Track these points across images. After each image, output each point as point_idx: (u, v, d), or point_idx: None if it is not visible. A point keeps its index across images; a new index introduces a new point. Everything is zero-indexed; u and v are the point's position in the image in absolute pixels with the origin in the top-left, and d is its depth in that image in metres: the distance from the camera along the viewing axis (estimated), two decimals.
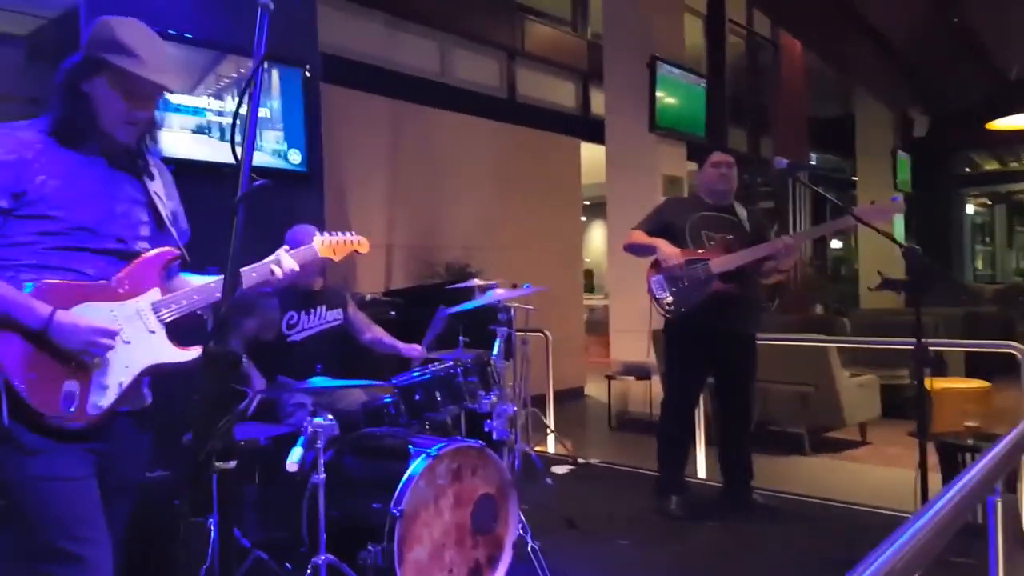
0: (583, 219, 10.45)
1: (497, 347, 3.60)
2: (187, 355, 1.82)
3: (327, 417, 2.58)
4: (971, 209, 18.20)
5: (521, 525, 2.99)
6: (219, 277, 1.81)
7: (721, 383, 4.01)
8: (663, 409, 4.05)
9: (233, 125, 1.47)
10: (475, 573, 2.75)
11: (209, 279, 1.90)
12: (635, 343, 6.84)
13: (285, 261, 1.96)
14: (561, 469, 4.99)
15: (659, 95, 6.85)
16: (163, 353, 1.79)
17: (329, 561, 2.54)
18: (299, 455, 2.46)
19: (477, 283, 4.20)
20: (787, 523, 3.83)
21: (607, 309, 8.51)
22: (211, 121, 4.06)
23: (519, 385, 4.94)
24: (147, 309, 1.78)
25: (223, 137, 4.03)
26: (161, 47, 1.79)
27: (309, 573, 2.53)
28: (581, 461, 5.15)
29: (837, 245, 16.99)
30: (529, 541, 3.04)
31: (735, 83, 10.82)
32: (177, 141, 3.88)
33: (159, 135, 1.91)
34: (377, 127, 6.59)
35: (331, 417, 2.60)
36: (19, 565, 1.67)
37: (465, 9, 8.15)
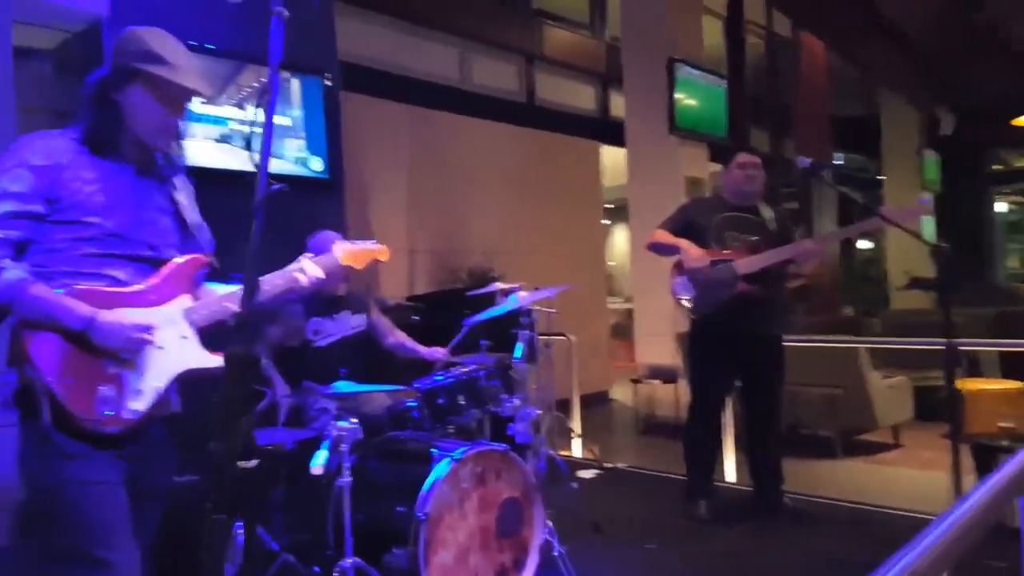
0: (605, 222, 10.41)
1: (519, 350, 3.58)
2: (219, 360, 1.81)
3: (351, 421, 2.59)
4: (1002, 207, 17.86)
5: (547, 529, 2.97)
6: None
7: (747, 385, 3.96)
8: (689, 412, 4.01)
9: (250, 133, 1.48)
10: None
11: (236, 288, 1.89)
12: (660, 346, 6.80)
13: (310, 269, 1.97)
14: (587, 473, 4.95)
15: (678, 97, 6.82)
16: (196, 358, 1.81)
17: (355, 564, 2.55)
18: (324, 458, 2.47)
19: (499, 287, 4.18)
20: (817, 527, 3.76)
21: (627, 313, 8.47)
22: (233, 130, 4.11)
23: (543, 389, 4.91)
24: (178, 315, 1.80)
25: (245, 146, 4.07)
26: (188, 54, 1.82)
27: None
28: (607, 465, 5.11)
29: (866, 246, 16.77)
30: (555, 545, 3.02)
31: (756, 83, 10.76)
32: (200, 150, 3.93)
33: (183, 144, 1.93)
34: (397, 134, 6.61)
35: (355, 421, 2.61)
36: (44, 568, 1.67)
37: (483, 15, 8.18)
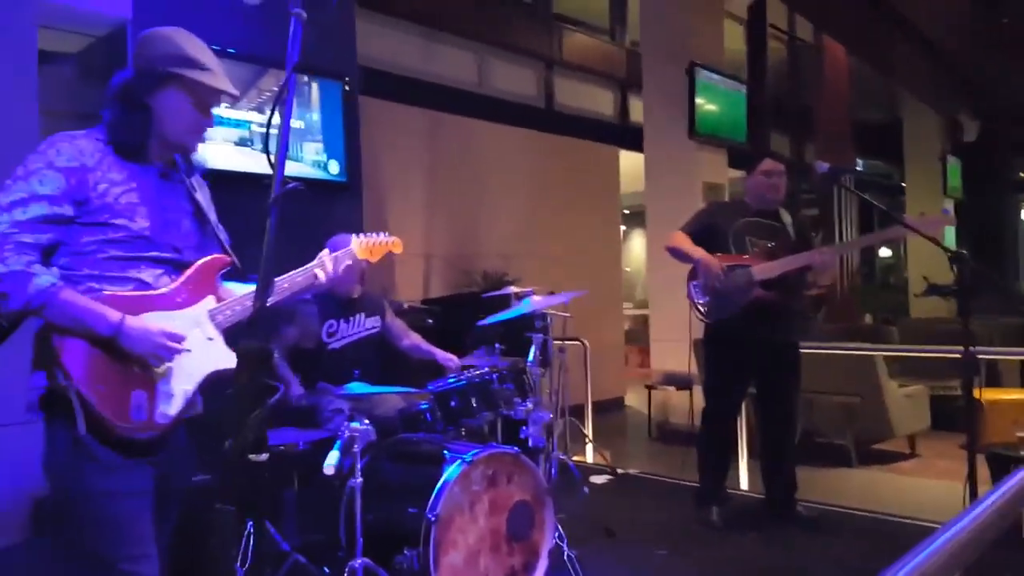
0: (623, 228, 10.39)
1: (532, 353, 3.59)
2: None
3: (364, 422, 2.60)
4: None
5: (557, 533, 2.97)
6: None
7: (762, 392, 3.94)
8: (703, 418, 3.99)
9: (267, 134, 1.48)
10: None
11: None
12: (675, 353, 6.77)
13: (328, 264, 1.98)
14: (599, 479, 4.95)
15: (699, 101, 6.80)
16: (223, 360, 1.79)
17: (365, 565, 2.56)
18: (336, 458, 2.49)
19: (514, 291, 4.20)
20: (830, 535, 3.74)
21: (642, 318, 8.45)
22: (253, 133, 4.16)
23: (557, 393, 4.91)
24: (204, 316, 1.79)
25: (264, 149, 4.12)
26: (213, 55, 1.82)
27: None
28: (620, 471, 5.10)
29: (886, 253, 16.63)
30: (566, 549, 3.03)
31: (777, 88, 10.69)
32: (221, 153, 3.98)
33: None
34: (416, 138, 6.65)
35: (368, 422, 2.62)
36: (64, 568, 1.68)
37: (502, 20, 8.20)
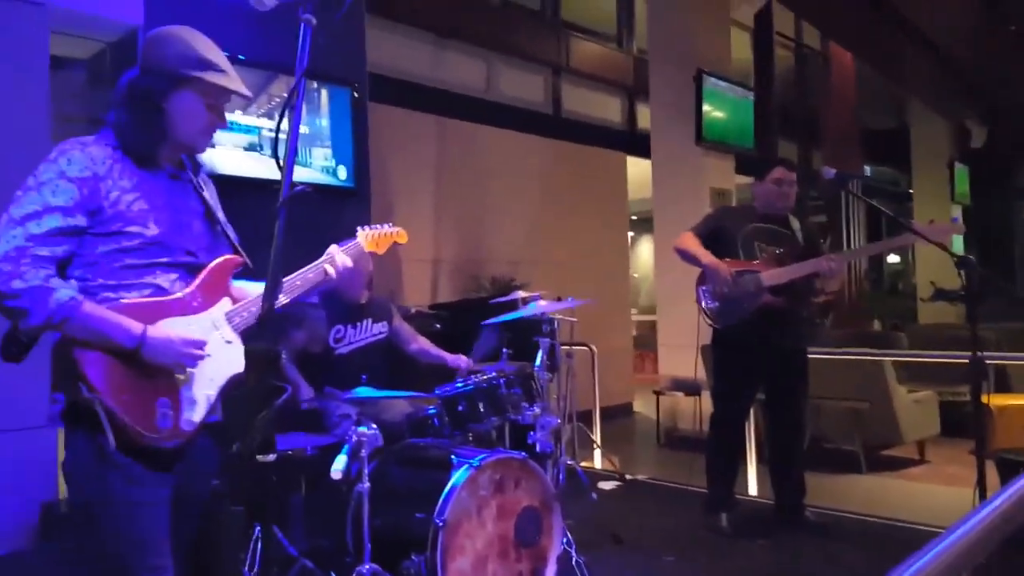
0: (630, 234, 10.39)
1: (539, 358, 3.59)
2: None
3: (371, 427, 2.61)
4: None
5: (565, 539, 2.97)
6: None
7: (771, 398, 3.94)
8: (712, 423, 3.98)
9: (275, 138, 1.49)
10: None
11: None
12: (683, 358, 6.75)
13: (339, 258, 1.96)
14: (608, 485, 4.94)
15: (706, 108, 6.81)
16: (242, 362, 1.77)
17: (373, 570, 2.56)
18: (343, 463, 2.49)
19: (520, 295, 4.20)
20: (839, 541, 3.71)
21: (650, 324, 8.43)
22: (263, 139, 4.18)
23: (564, 399, 4.91)
24: (221, 319, 1.77)
25: (273, 154, 4.14)
26: (223, 54, 1.80)
27: None
28: (628, 477, 5.09)
29: (894, 260, 16.58)
30: (574, 555, 3.03)
31: (784, 95, 10.69)
32: (230, 159, 4.00)
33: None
34: (424, 144, 6.67)
35: (375, 427, 2.62)
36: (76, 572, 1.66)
37: (510, 27, 8.24)
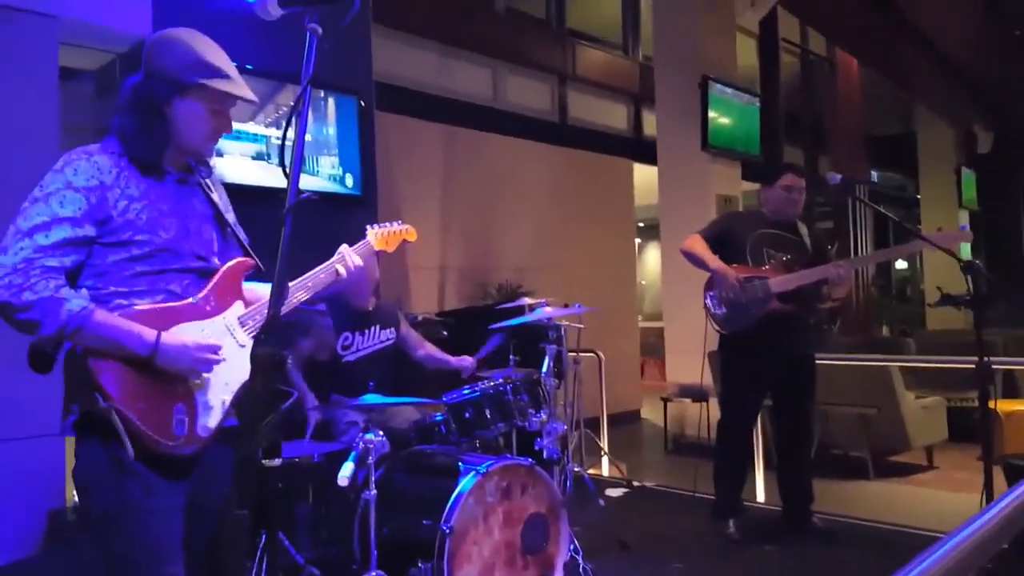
0: (637, 241, 10.39)
1: (546, 365, 3.60)
2: None
3: (378, 434, 2.61)
4: None
5: (572, 546, 2.97)
6: (291, 283, 1.80)
7: (778, 404, 3.93)
8: (719, 430, 3.98)
9: (282, 146, 1.48)
10: None
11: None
12: (691, 365, 6.74)
13: (349, 257, 1.95)
14: (615, 492, 4.93)
15: (712, 115, 6.81)
16: None
17: None
18: (350, 470, 2.50)
19: (527, 302, 4.21)
20: (847, 547, 3.70)
21: (657, 331, 8.42)
22: (270, 147, 4.21)
23: (571, 405, 4.91)
24: (234, 323, 1.75)
25: (280, 162, 4.17)
26: (227, 57, 1.79)
27: None
28: (635, 484, 5.08)
29: (902, 266, 16.54)
30: (581, 562, 3.02)
31: (790, 101, 10.69)
32: (238, 167, 4.03)
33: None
34: (431, 152, 6.69)
35: (382, 434, 2.63)
36: None
37: (516, 35, 8.26)
